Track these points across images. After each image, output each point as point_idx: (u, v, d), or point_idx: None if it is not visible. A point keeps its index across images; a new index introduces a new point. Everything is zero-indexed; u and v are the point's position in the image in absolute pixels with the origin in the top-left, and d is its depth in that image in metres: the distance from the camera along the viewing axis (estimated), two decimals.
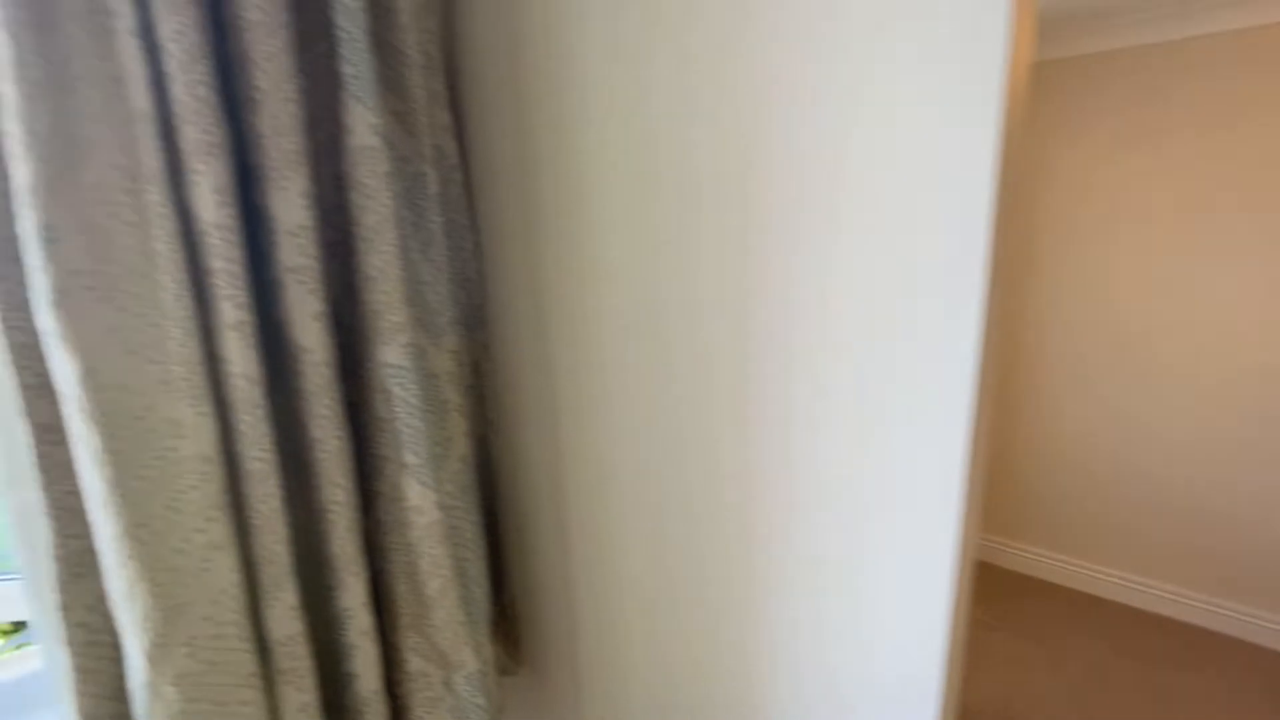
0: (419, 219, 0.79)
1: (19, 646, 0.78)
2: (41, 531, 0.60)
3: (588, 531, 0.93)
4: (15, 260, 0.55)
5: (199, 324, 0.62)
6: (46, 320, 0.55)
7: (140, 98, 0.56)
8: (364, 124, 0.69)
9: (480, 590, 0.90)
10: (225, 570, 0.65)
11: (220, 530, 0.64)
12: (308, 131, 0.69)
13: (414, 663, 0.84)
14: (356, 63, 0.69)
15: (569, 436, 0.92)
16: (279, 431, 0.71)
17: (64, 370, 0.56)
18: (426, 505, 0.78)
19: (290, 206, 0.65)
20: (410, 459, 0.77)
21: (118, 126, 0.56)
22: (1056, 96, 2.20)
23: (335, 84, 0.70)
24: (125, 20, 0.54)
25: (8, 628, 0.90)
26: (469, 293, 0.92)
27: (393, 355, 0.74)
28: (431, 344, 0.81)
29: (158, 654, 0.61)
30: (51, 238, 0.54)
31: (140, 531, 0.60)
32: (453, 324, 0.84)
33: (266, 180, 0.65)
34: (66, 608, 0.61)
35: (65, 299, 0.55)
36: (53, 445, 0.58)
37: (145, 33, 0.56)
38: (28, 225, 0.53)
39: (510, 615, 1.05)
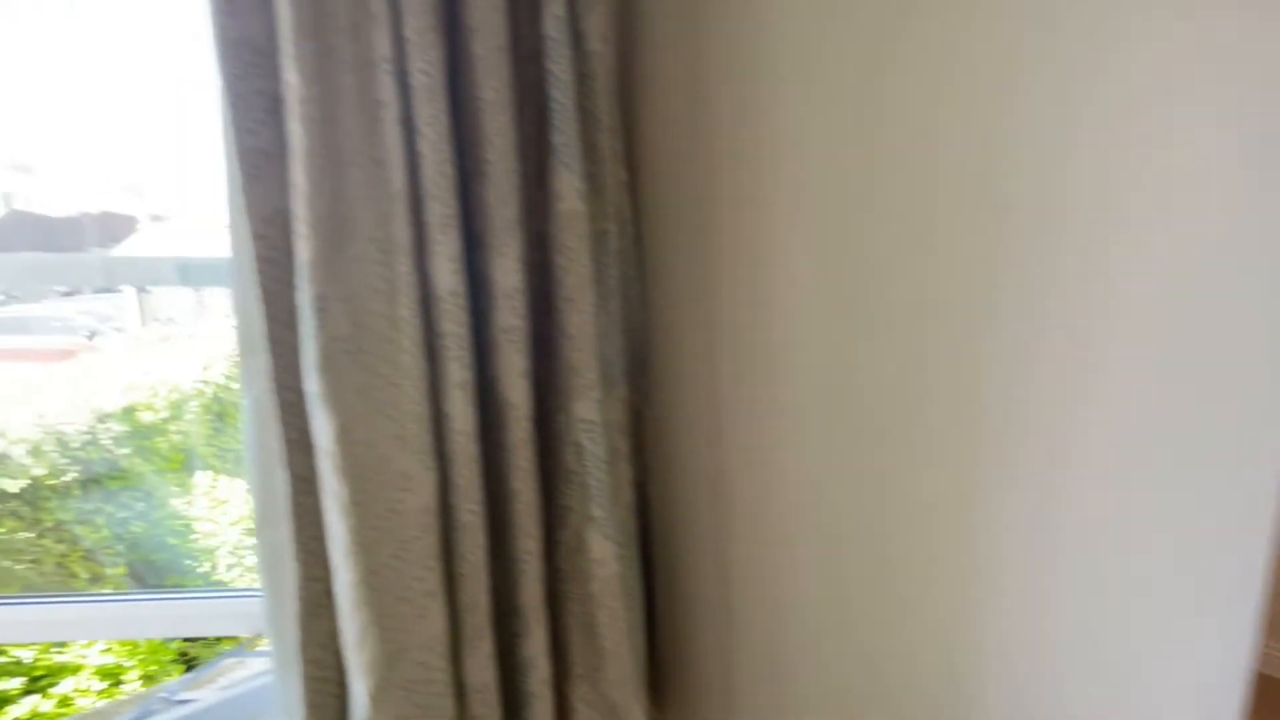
0: (600, 274, 0.81)
1: (240, 662, 0.86)
2: (289, 572, 0.65)
3: (755, 585, 0.90)
4: (291, 327, 0.60)
5: (429, 383, 0.66)
6: (312, 382, 0.60)
7: (398, 178, 0.61)
8: (571, 189, 0.72)
9: (640, 639, 0.89)
10: (437, 618, 0.68)
11: (435, 579, 0.67)
12: (520, 199, 0.72)
13: (584, 713, 0.84)
14: (565, 131, 0.72)
15: (736, 483, 0.90)
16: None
17: (322, 427, 0.60)
18: (608, 558, 0.79)
19: (507, 271, 0.69)
20: (596, 512, 0.78)
21: (377, 204, 0.61)
22: None
23: (545, 152, 0.73)
24: (392, 110, 0.59)
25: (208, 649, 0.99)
26: (633, 341, 0.93)
27: (587, 410, 0.76)
28: (608, 394, 0.83)
29: (380, 695, 0.65)
30: (321, 307, 0.59)
31: (373, 579, 0.63)
32: (622, 373, 0.86)
33: (488, 247, 0.69)
34: (304, 645, 0.66)
35: (329, 363, 0.60)
36: (305, 495, 0.64)
37: (406, 120, 0.60)
38: (304, 297, 0.59)
39: (659, 664, 1.04)
